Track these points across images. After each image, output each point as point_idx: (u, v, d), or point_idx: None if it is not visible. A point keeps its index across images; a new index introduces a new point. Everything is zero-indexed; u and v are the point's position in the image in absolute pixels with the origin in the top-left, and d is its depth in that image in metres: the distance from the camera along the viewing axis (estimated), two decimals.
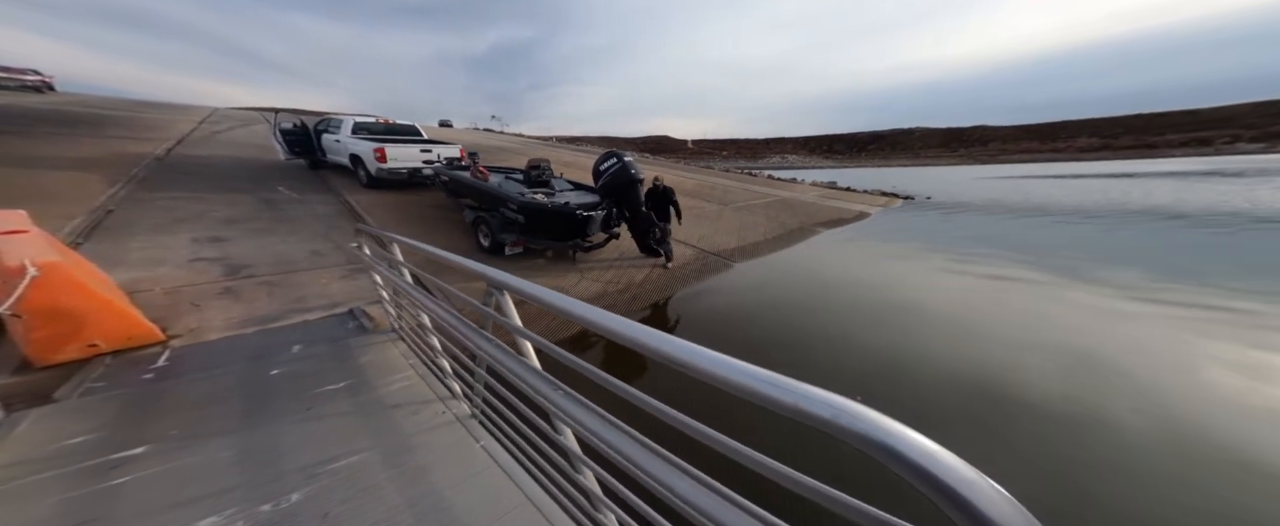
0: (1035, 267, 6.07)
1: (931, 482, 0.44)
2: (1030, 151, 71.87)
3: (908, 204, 13.62)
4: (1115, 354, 3.55)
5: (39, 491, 1.39)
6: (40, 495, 1.38)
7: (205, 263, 3.94)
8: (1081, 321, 4.25)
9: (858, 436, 0.49)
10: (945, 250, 7.18)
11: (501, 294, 1.39)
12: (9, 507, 1.32)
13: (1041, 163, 51.11)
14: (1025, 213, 11.46)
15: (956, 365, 3.39)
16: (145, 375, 2.18)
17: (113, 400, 1.94)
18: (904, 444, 0.47)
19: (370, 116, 8.46)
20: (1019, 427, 2.66)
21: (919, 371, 3.32)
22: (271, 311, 3.17)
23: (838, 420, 0.51)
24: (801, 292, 5.20)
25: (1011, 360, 3.48)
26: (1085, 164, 44.38)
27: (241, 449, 1.63)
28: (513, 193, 4.99)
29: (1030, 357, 3.51)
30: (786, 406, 0.56)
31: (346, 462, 1.56)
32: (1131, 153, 60.57)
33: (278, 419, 1.82)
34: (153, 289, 3.30)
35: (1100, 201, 13.25)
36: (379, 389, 2.08)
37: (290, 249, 4.54)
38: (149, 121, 13.57)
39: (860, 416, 0.51)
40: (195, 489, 1.42)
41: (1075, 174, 26.47)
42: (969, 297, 5.03)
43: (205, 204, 5.67)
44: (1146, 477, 2.27)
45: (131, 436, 1.67)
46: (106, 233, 4.32)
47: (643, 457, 0.82)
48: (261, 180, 7.52)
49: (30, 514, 1.30)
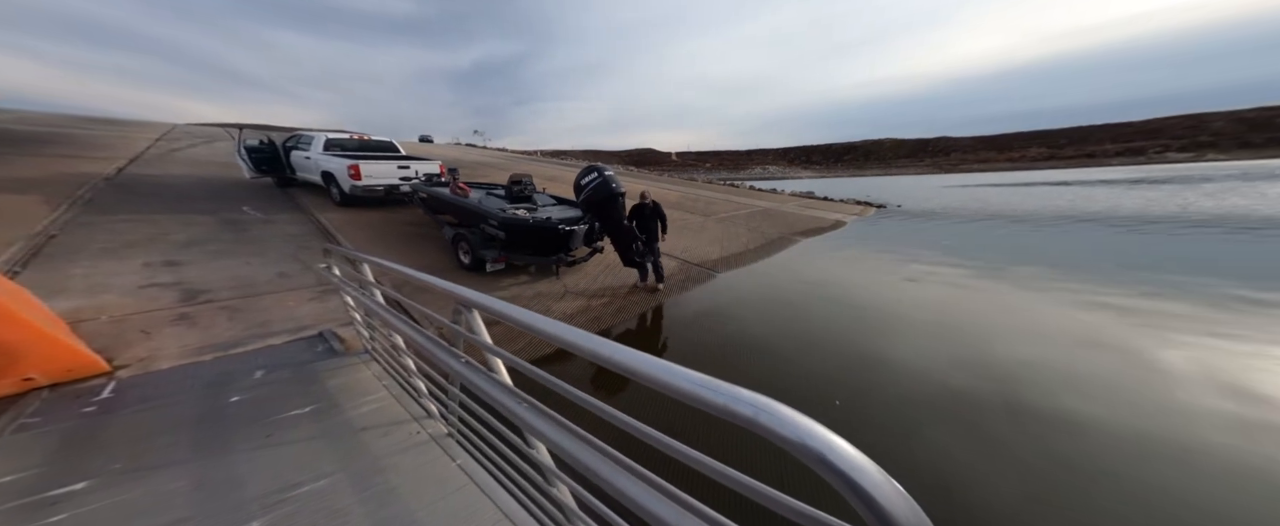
0: (993, 273, 6.47)
1: (838, 475, 0.48)
2: (988, 161, 77.13)
3: (881, 212, 14.28)
4: (1085, 355, 3.78)
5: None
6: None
7: (158, 288, 3.70)
8: (1040, 323, 4.52)
9: (775, 434, 0.52)
10: (916, 257, 7.55)
11: (470, 312, 1.38)
12: None
13: (998, 171, 55.09)
14: (985, 218, 12.23)
15: (927, 365, 3.53)
16: (87, 408, 2.01)
17: (49, 435, 1.78)
18: (813, 438, 0.51)
19: (344, 132, 8.28)
20: (997, 426, 2.78)
21: (891, 371, 3.44)
22: (232, 337, 2.99)
23: (758, 418, 0.54)
24: (781, 300, 5.32)
25: (980, 359, 3.66)
26: (1036, 172, 48.11)
27: (194, 479, 1.52)
28: (494, 209, 4.95)
29: (998, 357, 3.70)
30: (717, 406, 0.59)
31: (311, 488, 1.49)
32: (1074, 162, 66.03)
33: (234, 447, 1.71)
34: (98, 318, 3.06)
35: (1058, 207, 14.30)
36: (348, 411, 1.99)
37: (254, 271, 4.32)
38: (98, 139, 12.78)
39: (778, 415, 0.53)
40: (143, 521, 1.32)
41: (1027, 182, 28.49)
42: (939, 302, 5.28)
43: (159, 227, 5.35)
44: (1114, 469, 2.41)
45: (71, 471, 1.54)
46: (47, 259, 4.00)
47: (610, 472, 0.83)
48: (224, 199, 7.17)
49: None
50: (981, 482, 2.28)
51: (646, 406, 2.67)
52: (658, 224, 5.20)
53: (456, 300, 1.36)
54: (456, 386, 1.60)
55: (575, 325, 0.94)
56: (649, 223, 5.16)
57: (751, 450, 2.32)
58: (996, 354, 3.76)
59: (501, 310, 1.10)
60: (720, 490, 0.63)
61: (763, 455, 2.28)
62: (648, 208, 5.18)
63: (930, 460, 2.43)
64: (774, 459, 2.27)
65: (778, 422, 0.53)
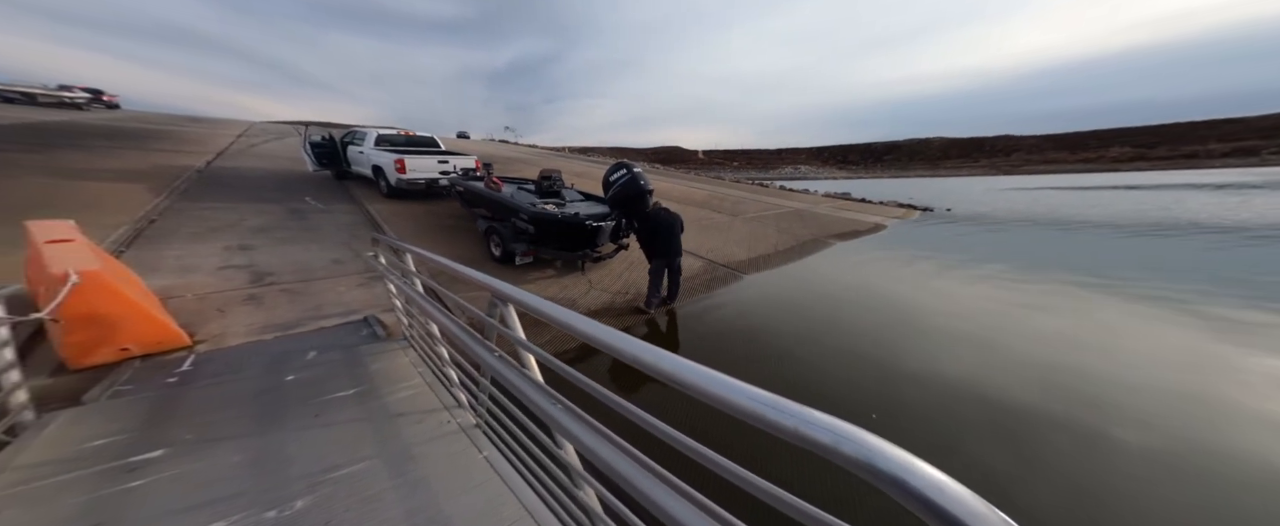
0: (1052, 283, 5.77)
1: (939, 515, 0.42)
2: (1057, 162, 69.11)
3: (927, 216, 13.24)
4: (1157, 378, 3.30)
5: (60, 493, 1.45)
6: (60, 497, 1.43)
7: (233, 270, 4.14)
8: (1124, 345, 3.99)
9: (860, 464, 0.47)
10: (964, 264, 6.92)
11: (505, 306, 1.39)
12: (29, 509, 1.38)
13: (1071, 173, 49.19)
14: (1049, 224, 10.97)
15: (973, 382, 3.22)
16: (170, 379, 2.27)
17: (138, 403, 2.01)
18: (909, 473, 0.45)
19: (392, 129, 8.80)
20: (1044, 457, 2.49)
21: (933, 386, 3.17)
22: (291, 318, 3.29)
23: (840, 446, 0.49)
24: (813, 305, 5.07)
25: (1037, 380, 3.28)
26: (1119, 175, 42.44)
27: (252, 454, 1.66)
28: (524, 203, 5.08)
29: (1058, 378, 3.31)
30: (787, 430, 0.54)
31: (350, 470, 1.58)
32: (1169, 163, 57.56)
33: (288, 425, 1.86)
34: (185, 295, 3.47)
35: (1148, 214, 12.57)
36: (386, 396, 2.11)
37: (312, 257, 4.72)
38: (193, 136, 14.54)
39: (863, 443, 0.48)
40: (205, 493, 1.46)
41: (1107, 186, 25.29)
42: (993, 315, 4.80)
43: (237, 214, 5.99)
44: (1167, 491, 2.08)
45: (151, 439, 1.73)
46: (147, 241, 4.60)
47: (641, 479, 0.80)
48: (291, 191, 7.90)
49: (49, 515, 1.35)
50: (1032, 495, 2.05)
51: (670, 405, 2.66)
52: (674, 233, 4.57)
53: (493, 293, 1.37)
54: (487, 378, 1.63)
55: (599, 321, 0.92)
56: (665, 231, 4.50)
57: (782, 458, 2.22)
58: (1059, 376, 3.36)
59: (539, 307, 1.10)
60: (758, 504, 0.59)
61: (810, 467, 2.18)
62: (663, 215, 4.63)
63: (979, 483, 2.22)
64: (821, 472, 2.16)
65: (870, 454, 0.48)
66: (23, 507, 1.38)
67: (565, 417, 1.02)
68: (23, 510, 1.37)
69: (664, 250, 4.57)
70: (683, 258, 4.99)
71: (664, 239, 4.56)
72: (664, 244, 4.56)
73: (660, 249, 4.59)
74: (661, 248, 4.59)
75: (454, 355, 1.99)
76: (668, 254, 4.59)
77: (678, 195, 12.30)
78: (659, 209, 4.80)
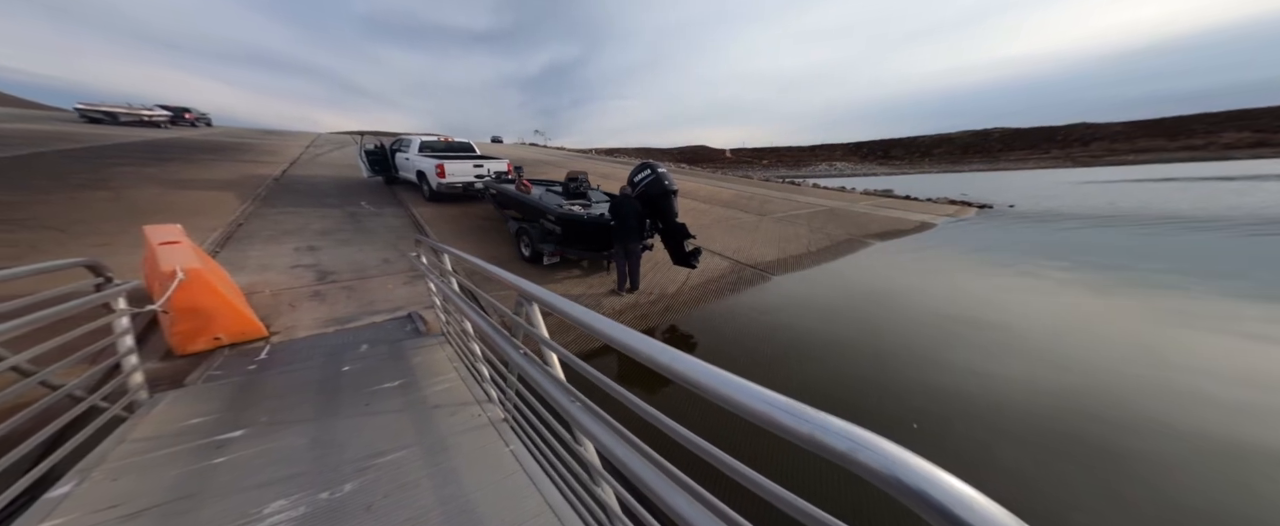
0: (1129, 286, 5.06)
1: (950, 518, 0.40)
2: (1152, 151, 59.70)
3: (985, 213, 12.07)
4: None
5: (163, 465, 1.68)
6: (163, 469, 1.66)
7: (302, 269, 4.67)
8: (1200, 354, 3.45)
9: (878, 474, 0.45)
10: (1022, 265, 6.25)
11: (530, 305, 1.45)
12: (140, 478, 1.61)
13: (1170, 163, 42.37)
14: (1135, 222, 9.58)
15: (1030, 394, 2.92)
16: (250, 366, 2.61)
17: (226, 387, 2.33)
18: (930, 484, 0.43)
19: (434, 135, 9.38)
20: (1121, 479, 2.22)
21: (982, 398, 2.92)
22: (348, 313, 3.66)
23: (856, 455, 0.47)
24: (847, 308, 4.83)
25: (1108, 395, 2.93)
26: (1233, 163, 35.95)
27: (312, 438, 1.87)
28: (551, 205, 5.27)
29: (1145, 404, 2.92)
30: (803, 436, 0.52)
31: (392, 458, 1.73)
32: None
33: (342, 412, 2.08)
34: (263, 291, 3.98)
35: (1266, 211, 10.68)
36: (425, 389, 2.29)
37: (366, 257, 5.21)
38: (271, 147, 16.43)
39: (882, 451, 0.46)
40: (272, 472, 1.65)
41: (1218, 176, 21.57)
42: (1052, 320, 4.32)
43: (304, 218, 6.72)
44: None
45: (234, 420, 1.99)
46: (236, 242, 5.30)
47: (655, 480, 0.80)
48: (348, 195, 8.73)
49: (154, 484, 1.59)
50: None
51: (692, 408, 2.66)
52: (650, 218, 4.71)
53: (519, 292, 1.44)
54: (514, 374, 1.71)
55: (624, 322, 0.93)
56: (631, 214, 4.55)
57: (805, 470, 2.17)
58: (1128, 394, 2.97)
59: (560, 306, 1.13)
60: (781, 515, 0.58)
61: (836, 478, 2.13)
62: (649, 194, 4.66)
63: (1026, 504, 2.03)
64: (849, 484, 2.10)
65: (888, 463, 0.46)
66: (136, 476, 1.61)
67: (585, 415, 1.04)
68: (136, 479, 1.60)
69: (620, 236, 4.65)
70: (701, 257, 5.02)
71: (620, 225, 4.63)
72: (620, 230, 4.64)
73: (617, 234, 4.67)
74: (618, 233, 4.65)
75: (485, 351, 2.11)
76: (624, 239, 4.65)
77: (704, 194, 12.13)
78: (624, 196, 4.74)
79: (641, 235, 4.75)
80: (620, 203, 4.62)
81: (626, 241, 4.64)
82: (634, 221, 4.58)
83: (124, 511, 1.44)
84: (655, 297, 4.96)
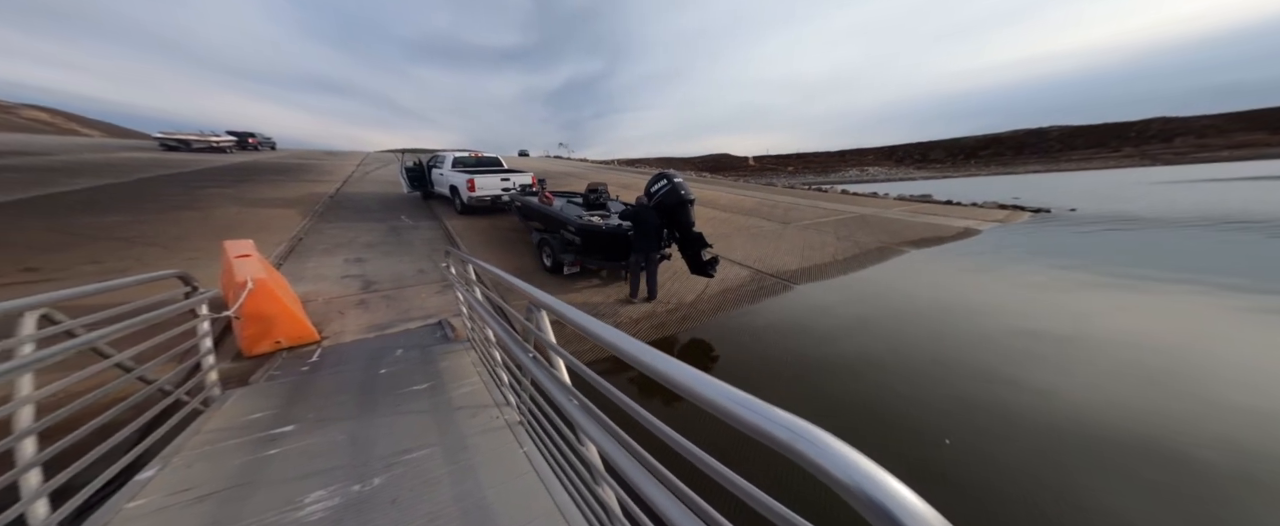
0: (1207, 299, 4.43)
1: (876, 510, 0.43)
2: (1250, 146, 51.83)
3: (1040, 217, 11.07)
4: None
5: (228, 456, 1.87)
6: (228, 458, 1.85)
7: (350, 279, 5.12)
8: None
9: (810, 462, 0.49)
10: (1078, 274, 5.66)
11: (539, 312, 1.52)
12: (210, 466, 1.81)
13: (1272, 161, 36.69)
14: (1248, 226, 8.39)
15: (1084, 419, 2.64)
16: (304, 368, 2.90)
17: (283, 386, 2.59)
18: (852, 472, 0.45)
19: (466, 151, 9.96)
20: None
21: (1023, 416, 2.68)
22: (387, 320, 3.98)
23: (795, 444, 0.51)
24: (876, 319, 4.61)
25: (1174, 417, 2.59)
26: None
27: (350, 434, 2.06)
28: (572, 216, 5.45)
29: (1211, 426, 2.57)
30: (748, 424, 0.56)
31: (417, 455, 1.87)
32: None
33: (377, 411, 2.26)
34: (317, 299, 4.41)
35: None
36: (450, 392, 2.44)
37: (404, 268, 5.63)
38: (328, 167, 18.16)
39: (817, 441, 0.49)
40: (315, 464, 1.82)
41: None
42: (1110, 335, 3.88)
43: (353, 232, 7.37)
44: None
45: (287, 416, 2.22)
46: (297, 255, 5.91)
47: (647, 484, 0.84)
48: (390, 210, 9.47)
49: (220, 472, 1.77)
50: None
51: (696, 420, 2.63)
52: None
53: (530, 300, 1.51)
54: (528, 380, 1.79)
55: (641, 330, 0.99)
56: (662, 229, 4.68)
57: (803, 486, 2.11)
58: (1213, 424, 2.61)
59: (562, 312, 1.19)
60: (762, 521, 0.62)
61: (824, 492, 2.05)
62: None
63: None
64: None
65: (820, 453, 0.48)
66: (206, 464, 1.80)
67: (587, 419, 1.09)
68: (206, 466, 1.79)
69: (640, 246, 4.72)
70: (718, 267, 4.99)
71: (640, 235, 4.71)
72: (640, 240, 4.72)
73: (637, 244, 4.74)
74: (639, 243, 4.72)
75: (504, 357, 2.23)
76: (645, 249, 4.72)
77: (725, 202, 12.01)
78: (640, 206, 4.88)
79: (659, 244, 4.84)
80: (636, 212, 4.74)
81: (644, 251, 4.75)
82: (651, 231, 4.70)
83: (194, 495, 1.65)
84: (673, 306, 4.97)
